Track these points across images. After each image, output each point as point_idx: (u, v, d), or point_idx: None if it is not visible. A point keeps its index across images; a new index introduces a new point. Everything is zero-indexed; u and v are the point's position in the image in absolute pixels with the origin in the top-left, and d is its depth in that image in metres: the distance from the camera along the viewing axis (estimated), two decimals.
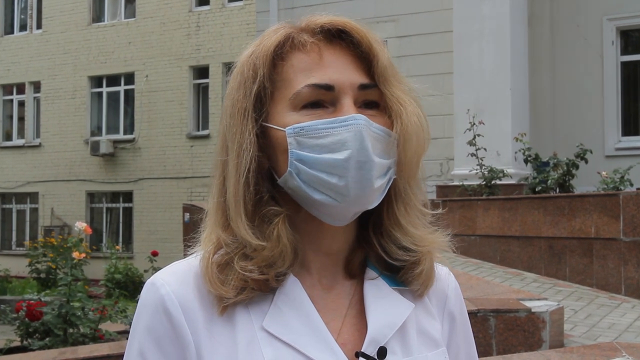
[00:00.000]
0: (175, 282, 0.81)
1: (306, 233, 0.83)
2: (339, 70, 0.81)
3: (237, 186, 0.80)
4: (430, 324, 0.87)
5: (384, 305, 0.84)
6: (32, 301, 5.04)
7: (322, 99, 0.80)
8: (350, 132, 0.77)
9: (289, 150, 0.79)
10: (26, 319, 4.81)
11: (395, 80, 0.83)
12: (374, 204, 0.81)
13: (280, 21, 0.85)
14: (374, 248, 0.86)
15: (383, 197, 0.82)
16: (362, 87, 0.81)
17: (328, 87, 0.80)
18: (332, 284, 0.85)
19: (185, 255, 0.87)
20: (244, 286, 0.79)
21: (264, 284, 0.79)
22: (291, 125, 0.79)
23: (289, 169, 0.79)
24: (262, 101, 0.81)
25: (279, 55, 0.82)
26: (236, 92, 0.83)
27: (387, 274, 0.86)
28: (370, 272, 0.86)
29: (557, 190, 6.88)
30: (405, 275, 0.86)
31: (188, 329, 0.78)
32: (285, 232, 0.79)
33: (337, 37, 0.82)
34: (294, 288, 0.81)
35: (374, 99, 0.82)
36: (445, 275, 0.92)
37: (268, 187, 0.81)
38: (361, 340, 0.81)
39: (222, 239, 0.81)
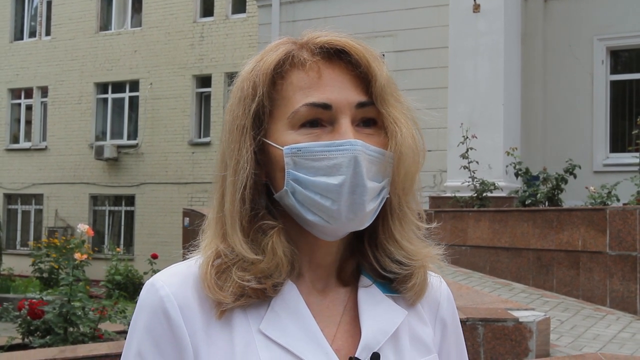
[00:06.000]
0: (175, 284, 0.81)
1: (301, 245, 0.83)
2: (337, 90, 0.80)
3: (233, 202, 0.80)
4: (423, 331, 0.88)
5: (378, 312, 0.84)
6: (34, 300, 4.98)
7: (320, 118, 0.80)
8: (345, 157, 0.78)
9: (286, 170, 0.79)
10: (28, 317, 4.76)
11: (393, 99, 0.82)
12: (365, 225, 0.82)
13: (282, 34, 0.88)
14: (368, 259, 0.86)
15: (375, 216, 0.82)
16: (360, 105, 0.81)
17: (326, 106, 0.79)
18: (327, 291, 0.86)
19: (184, 260, 0.87)
20: (242, 293, 0.79)
21: (261, 293, 0.80)
22: (289, 145, 0.79)
23: (285, 187, 0.80)
24: (260, 119, 0.81)
25: (279, 73, 0.81)
26: (236, 107, 0.83)
27: (381, 282, 0.87)
28: (364, 280, 0.87)
29: (546, 203, 6.93)
30: (398, 285, 0.87)
31: (186, 331, 0.78)
32: (280, 244, 0.80)
33: (336, 56, 0.82)
34: (291, 293, 0.81)
35: (371, 116, 0.82)
36: (438, 283, 0.92)
37: (265, 202, 0.82)
38: (355, 346, 0.82)
39: (221, 250, 0.81)
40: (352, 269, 0.88)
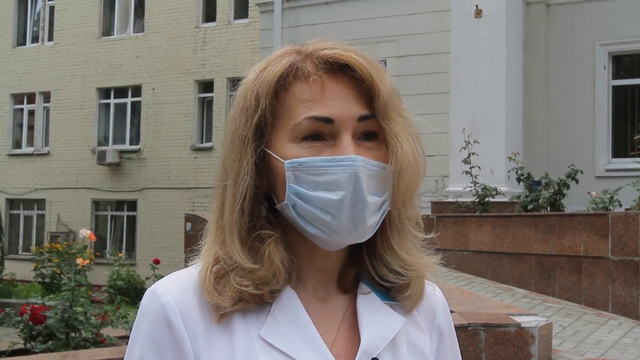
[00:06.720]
0: (176, 291, 0.82)
1: (301, 252, 0.85)
2: (340, 104, 0.80)
3: (232, 213, 0.81)
4: (420, 338, 0.89)
5: (377, 318, 0.85)
6: (36, 305, 4.99)
7: (322, 132, 0.80)
8: (345, 173, 0.78)
9: (287, 184, 0.80)
10: (30, 322, 4.79)
11: (396, 113, 0.83)
12: (366, 237, 0.83)
13: (284, 39, 0.88)
14: (366, 268, 0.88)
15: (377, 229, 0.83)
16: (362, 118, 0.81)
17: (328, 120, 0.80)
18: (327, 297, 0.87)
19: (186, 265, 0.88)
20: (240, 298, 0.80)
21: (259, 298, 0.81)
22: (290, 160, 0.80)
23: (286, 200, 0.81)
24: (262, 130, 0.82)
25: (282, 85, 0.82)
26: (238, 117, 0.83)
27: (380, 289, 0.88)
28: (363, 287, 0.88)
29: (548, 208, 6.95)
30: (395, 294, 0.88)
31: (187, 337, 0.79)
32: (277, 253, 0.81)
33: (340, 70, 0.82)
34: (290, 300, 0.82)
35: (373, 130, 0.82)
36: (433, 292, 0.93)
37: (264, 211, 0.84)
38: (354, 352, 0.83)
39: (220, 256, 0.82)
40: (352, 276, 0.89)
